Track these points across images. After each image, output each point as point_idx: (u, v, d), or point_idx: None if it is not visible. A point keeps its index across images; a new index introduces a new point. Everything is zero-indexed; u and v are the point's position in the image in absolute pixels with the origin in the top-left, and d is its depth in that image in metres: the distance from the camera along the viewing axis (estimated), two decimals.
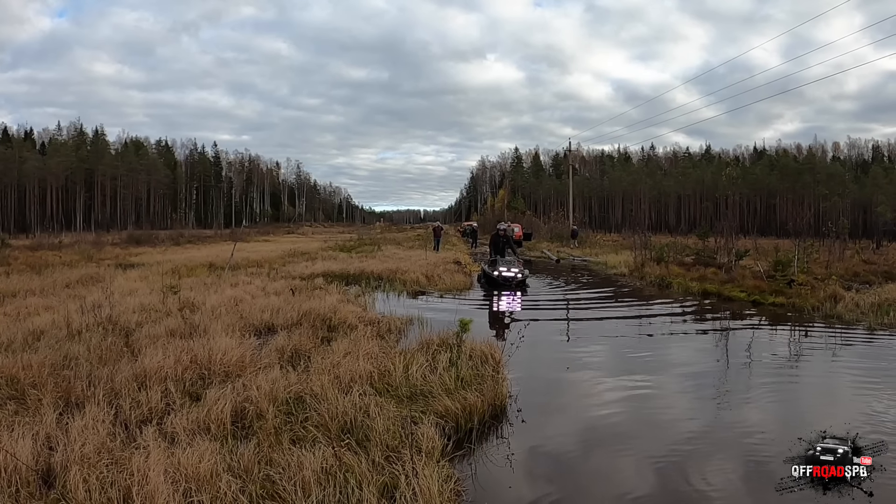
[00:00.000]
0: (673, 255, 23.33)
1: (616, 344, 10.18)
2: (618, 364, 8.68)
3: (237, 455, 4.25)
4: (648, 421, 6.14)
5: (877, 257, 27.41)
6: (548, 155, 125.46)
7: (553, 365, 8.69)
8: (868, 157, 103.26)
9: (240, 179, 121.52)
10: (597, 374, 8.09)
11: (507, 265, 17.92)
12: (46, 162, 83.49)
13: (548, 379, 7.91)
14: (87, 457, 4.11)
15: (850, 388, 7.55)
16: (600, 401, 6.83)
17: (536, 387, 7.35)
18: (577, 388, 7.47)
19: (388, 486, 3.97)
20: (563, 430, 5.86)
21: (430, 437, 4.71)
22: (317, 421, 4.95)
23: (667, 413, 6.41)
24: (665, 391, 7.29)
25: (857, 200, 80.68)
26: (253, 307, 10.53)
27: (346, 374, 6.17)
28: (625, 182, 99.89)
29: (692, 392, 7.18)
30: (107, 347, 7.27)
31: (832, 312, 12.81)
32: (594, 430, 5.88)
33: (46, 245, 35.04)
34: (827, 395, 7.33)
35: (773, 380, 7.72)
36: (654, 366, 8.51)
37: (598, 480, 4.78)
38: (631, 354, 9.30)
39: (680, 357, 9.20)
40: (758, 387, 7.33)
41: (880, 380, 7.80)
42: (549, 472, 4.88)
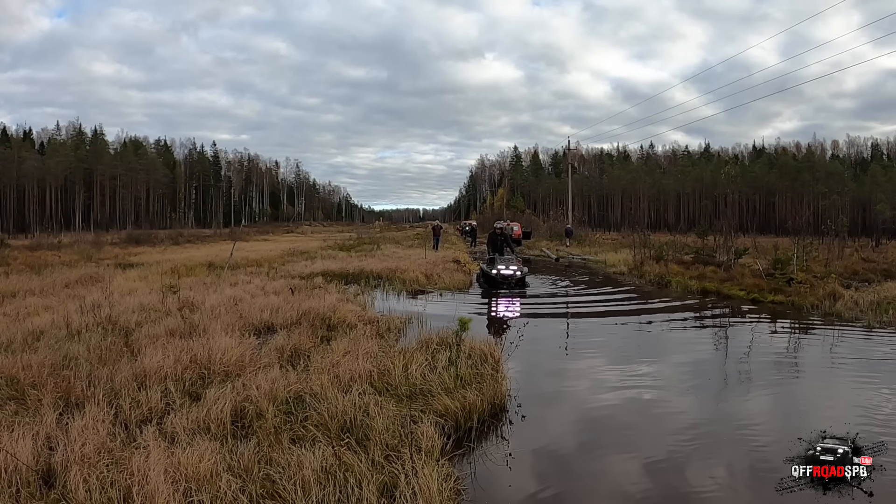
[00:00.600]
0: (672, 254, 23.34)
1: (614, 343, 10.22)
2: (617, 361, 8.69)
3: (237, 455, 4.26)
4: (648, 419, 6.13)
5: (876, 255, 27.34)
6: (547, 154, 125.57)
7: (553, 363, 8.73)
8: (867, 155, 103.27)
9: (239, 179, 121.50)
10: (595, 372, 8.10)
11: (506, 263, 17.75)
12: (45, 162, 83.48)
13: (548, 376, 7.96)
14: (88, 457, 4.12)
15: (846, 384, 7.59)
16: (600, 399, 6.84)
17: (537, 384, 7.39)
18: (576, 386, 7.49)
19: (388, 486, 3.98)
20: (563, 428, 5.88)
21: (430, 436, 4.72)
22: (316, 420, 4.95)
23: (666, 410, 6.41)
24: (664, 389, 7.28)
25: (856, 198, 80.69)
26: (252, 306, 10.54)
27: (345, 374, 6.18)
28: (624, 181, 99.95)
29: (692, 392, 7.17)
30: (106, 347, 7.28)
31: (831, 310, 12.83)
32: (594, 429, 5.89)
33: (46, 245, 35.04)
34: (822, 392, 7.35)
35: (770, 379, 7.72)
36: (652, 364, 8.52)
37: (597, 480, 4.77)
38: (628, 353, 9.32)
39: (678, 356, 9.21)
40: (756, 387, 7.34)
41: (877, 375, 7.83)
42: (548, 469, 4.89)
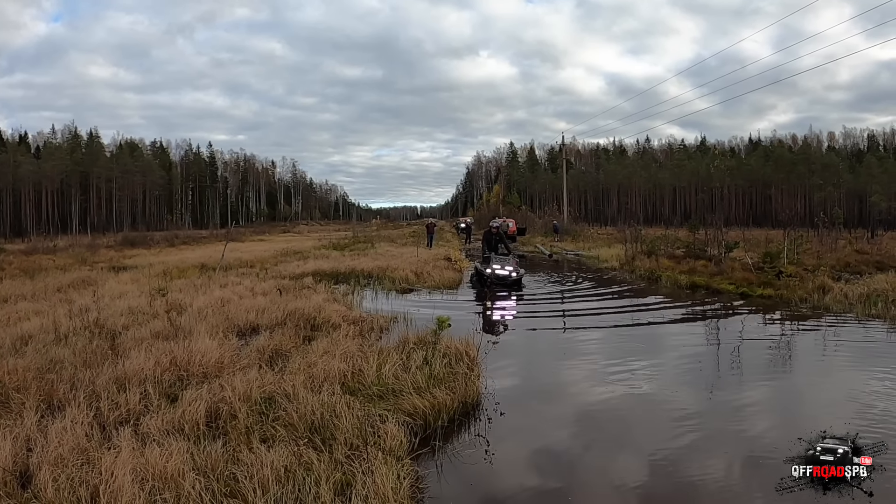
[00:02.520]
0: (664, 248, 23.47)
1: (595, 340, 10.33)
2: (598, 360, 8.78)
3: (205, 454, 4.36)
4: (634, 420, 6.12)
5: (870, 247, 27.36)
6: (543, 149, 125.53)
7: (535, 361, 8.86)
8: (863, 146, 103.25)
9: (235, 179, 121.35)
10: (577, 370, 8.19)
11: (501, 263, 17.17)
12: (41, 165, 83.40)
13: (528, 373, 8.07)
14: (62, 457, 4.23)
15: (830, 378, 7.69)
16: (580, 397, 6.95)
17: (517, 381, 7.52)
18: (557, 383, 7.61)
19: (344, 484, 4.08)
20: (541, 427, 5.93)
21: (395, 435, 4.83)
22: (286, 420, 5.05)
23: (658, 407, 6.45)
24: (653, 386, 7.25)
25: (852, 190, 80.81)
26: (239, 308, 10.63)
27: (319, 374, 6.29)
28: (620, 175, 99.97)
29: (683, 387, 7.18)
30: (92, 351, 7.38)
31: (820, 304, 12.87)
32: (576, 425, 5.96)
33: (41, 249, 35.01)
34: (806, 387, 7.43)
35: (758, 375, 7.72)
36: (638, 362, 8.52)
37: (576, 478, 4.82)
38: (609, 352, 9.41)
39: (666, 351, 9.31)
40: (748, 385, 7.31)
41: (861, 365, 7.97)
42: (518, 467, 4.98)
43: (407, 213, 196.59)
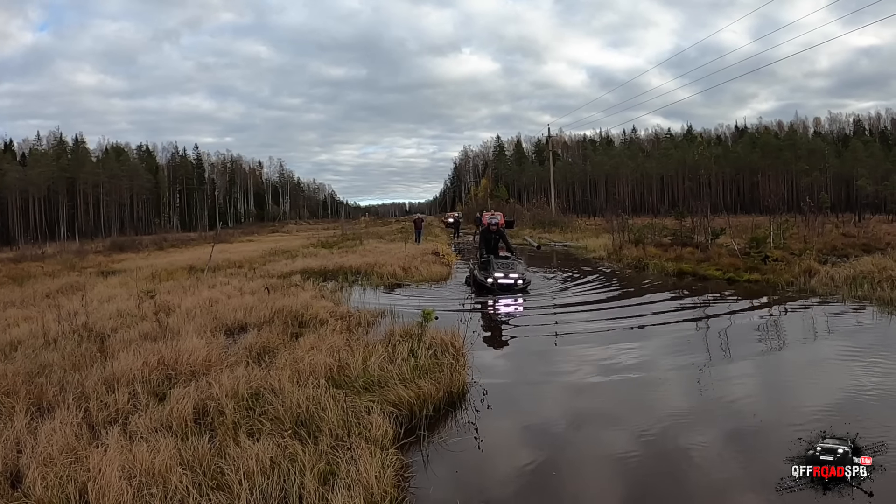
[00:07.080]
0: (651, 237, 23.64)
1: (583, 332, 10.37)
2: (592, 346, 8.91)
3: (192, 449, 4.43)
4: (621, 413, 6.11)
5: (857, 230, 27.55)
6: (530, 142, 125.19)
7: (522, 349, 8.97)
8: (849, 131, 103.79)
9: (223, 181, 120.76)
10: (564, 360, 8.30)
11: (505, 269, 14.36)
12: (27, 173, 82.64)
13: (516, 363, 8.22)
14: (52, 457, 4.29)
15: (813, 360, 7.81)
16: (564, 386, 7.06)
17: (504, 371, 7.65)
18: (543, 372, 7.69)
19: (329, 474, 4.16)
20: (527, 415, 6.04)
21: (380, 426, 4.93)
22: (272, 414, 5.13)
23: (647, 395, 6.53)
24: (643, 382, 7.15)
25: (838, 175, 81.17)
26: (227, 307, 10.66)
27: (306, 368, 6.35)
28: (607, 166, 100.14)
29: (672, 381, 7.17)
30: (81, 354, 7.40)
31: (806, 287, 13.02)
32: (564, 415, 6.04)
33: (30, 256, 34.79)
34: (790, 372, 7.54)
35: (744, 363, 7.77)
36: (627, 356, 8.48)
37: (562, 459, 4.93)
38: (594, 341, 9.50)
39: (653, 337, 9.46)
40: (736, 377, 7.25)
41: (849, 351, 8.06)
42: (502, 455, 5.09)
43: (395, 210, 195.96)
